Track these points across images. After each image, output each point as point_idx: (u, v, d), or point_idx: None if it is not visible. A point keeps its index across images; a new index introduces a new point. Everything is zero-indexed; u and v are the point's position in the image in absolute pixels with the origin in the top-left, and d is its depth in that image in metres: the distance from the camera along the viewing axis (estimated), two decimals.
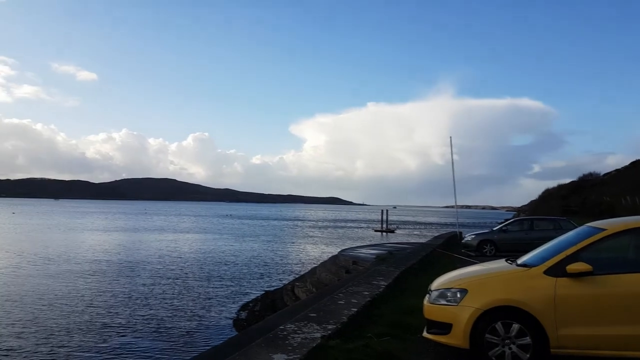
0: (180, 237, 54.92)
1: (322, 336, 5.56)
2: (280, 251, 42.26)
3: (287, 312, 9.68)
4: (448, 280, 5.96)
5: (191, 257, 35.62)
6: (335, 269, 18.52)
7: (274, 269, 31.31)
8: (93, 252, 36.74)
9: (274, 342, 5.38)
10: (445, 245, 21.30)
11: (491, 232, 21.42)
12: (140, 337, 15.22)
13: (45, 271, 26.88)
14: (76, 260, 31.58)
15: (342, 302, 7.59)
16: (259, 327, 8.24)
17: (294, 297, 18.68)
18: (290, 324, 6.12)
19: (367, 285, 9.24)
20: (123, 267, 29.23)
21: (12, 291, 21.28)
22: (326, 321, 6.27)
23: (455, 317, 5.31)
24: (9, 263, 30.03)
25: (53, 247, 39.13)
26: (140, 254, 36.66)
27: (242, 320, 17.60)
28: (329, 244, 49.73)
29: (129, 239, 51.34)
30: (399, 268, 11.76)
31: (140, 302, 20.07)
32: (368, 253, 19.93)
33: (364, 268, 15.31)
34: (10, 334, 14.96)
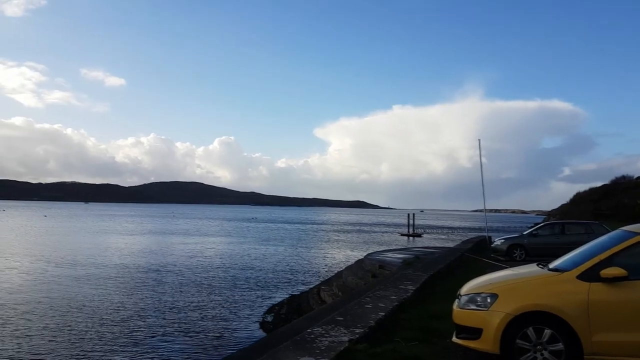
0: (206, 241, 55.64)
1: (349, 340, 5.57)
2: (306, 255, 42.35)
3: (314, 315, 9.70)
4: (478, 284, 5.89)
5: (217, 261, 36.03)
6: (361, 273, 18.46)
7: (300, 272, 31.39)
8: (121, 256, 37.53)
9: (301, 345, 5.41)
10: (474, 250, 21.02)
11: (521, 236, 21.02)
12: (169, 339, 15.45)
13: (75, 274, 27.55)
14: (105, 264, 32.29)
15: (369, 306, 7.57)
16: (286, 330, 8.28)
17: (320, 300, 18.69)
18: (317, 327, 6.14)
19: (395, 289, 9.19)
20: (151, 271, 29.74)
21: (45, 294, 21.87)
22: (353, 325, 6.27)
23: (485, 322, 5.25)
24: (40, 266, 30.96)
25: (82, 250, 40.14)
26: (168, 257, 37.28)
27: (269, 323, 17.70)
28: (354, 248, 49.58)
29: (157, 242, 52.29)
30: (427, 272, 11.66)
31: (169, 304, 20.39)
32: (394, 257, 19.81)
33: (390, 272, 15.22)
34: (44, 336, 15.36)
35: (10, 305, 19.12)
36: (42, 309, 18.78)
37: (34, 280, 25.19)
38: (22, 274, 27.26)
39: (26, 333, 15.48)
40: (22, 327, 16.12)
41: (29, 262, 32.50)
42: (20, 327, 16.10)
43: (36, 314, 17.97)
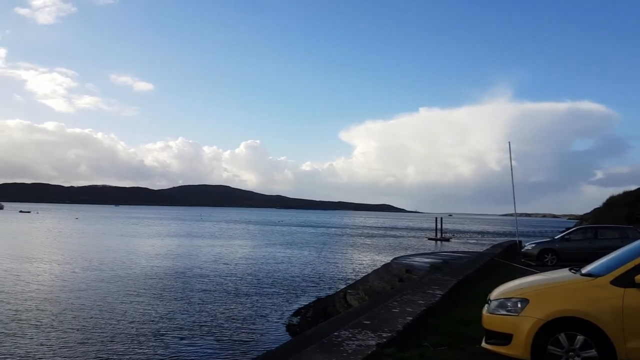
0: (233, 244, 56.24)
1: (377, 344, 5.56)
2: (331, 258, 42.33)
3: (341, 319, 9.70)
4: (508, 289, 5.81)
5: (244, 264, 36.36)
6: (388, 277, 18.35)
7: (325, 276, 31.40)
8: (150, 259, 38.27)
9: (328, 348, 5.43)
10: (504, 255, 20.65)
11: (552, 240, 20.60)
12: (196, 341, 15.66)
13: (105, 276, 28.22)
14: (134, 266, 32.99)
15: (397, 310, 7.54)
16: (313, 333, 8.31)
17: (346, 304, 18.65)
18: (344, 331, 6.15)
19: (422, 294, 9.12)
20: (179, 274, 30.21)
21: (77, 296, 22.47)
22: (381, 329, 6.26)
23: (515, 327, 5.18)
24: (72, 268, 31.88)
25: (112, 253, 41.10)
26: (195, 261, 37.82)
27: (295, 326, 17.77)
28: (380, 252, 49.29)
29: (185, 245, 53.13)
30: (456, 277, 11.53)
31: (196, 307, 20.66)
32: (422, 262, 19.62)
33: (418, 277, 15.09)
34: (75, 338, 15.78)
35: (44, 307, 19.71)
36: (74, 310, 19.29)
37: (66, 283, 25.90)
38: (55, 277, 28.12)
39: (58, 334, 15.93)
40: (55, 328, 16.60)
41: (61, 264, 33.50)
42: (53, 328, 16.58)
43: (68, 315, 18.45)
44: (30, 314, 18.18)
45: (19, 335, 15.40)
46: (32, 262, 33.30)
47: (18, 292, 22.57)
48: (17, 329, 16.18)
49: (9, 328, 16.23)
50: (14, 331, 15.85)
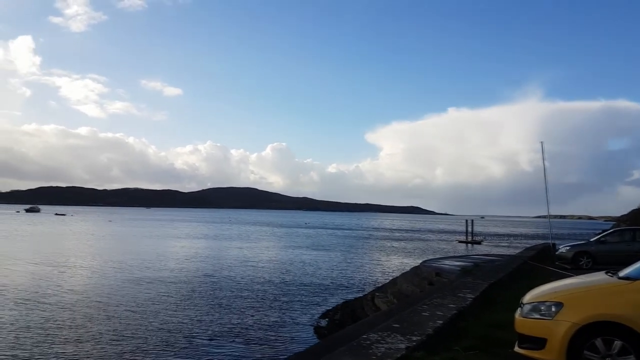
0: (260, 246, 56.71)
1: (406, 347, 5.49)
2: (359, 261, 42.18)
3: (369, 321, 9.65)
4: (542, 293, 5.68)
5: (271, 266, 36.61)
6: (417, 280, 18.18)
7: (353, 278, 31.30)
8: (180, 260, 38.99)
9: (357, 350, 5.40)
10: (537, 258, 20.20)
11: (588, 243, 20.00)
12: (224, 342, 15.84)
13: (136, 277, 28.92)
14: (164, 268, 33.67)
15: (427, 313, 7.44)
16: (341, 336, 8.30)
17: (374, 307, 18.56)
18: (373, 334, 6.10)
19: (453, 297, 8.97)
20: (207, 275, 30.66)
21: (108, 297, 23.06)
22: (410, 332, 6.18)
23: (550, 331, 5.04)
24: (104, 269, 32.80)
25: (143, 255, 42.14)
26: (223, 262, 38.32)
27: (323, 328, 17.78)
28: (408, 255, 48.86)
29: (214, 247, 53.89)
30: (487, 280, 11.31)
31: (224, 308, 20.91)
32: (452, 265, 19.37)
33: (448, 280, 14.90)
34: (107, 339, 16.16)
35: (77, 309, 20.29)
36: (106, 311, 19.76)
37: (99, 284, 26.63)
38: (88, 278, 28.98)
39: (91, 335, 16.34)
40: (87, 329, 17.04)
41: (95, 266, 34.46)
42: (85, 328, 17.05)
43: (100, 316, 18.93)
44: (65, 315, 18.70)
45: (54, 336, 15.88)
46: (67, 264, 34.38)
47: (53, 293, 23.32)
48: (53, 330, 16.69)
49: (45, 328, 16.77)
50: (50, 332, 16.35)
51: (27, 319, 17.85)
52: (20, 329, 16.46)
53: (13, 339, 15.29)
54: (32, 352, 14.06)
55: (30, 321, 17.49)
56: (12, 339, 15.36)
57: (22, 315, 18.48)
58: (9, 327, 16.67)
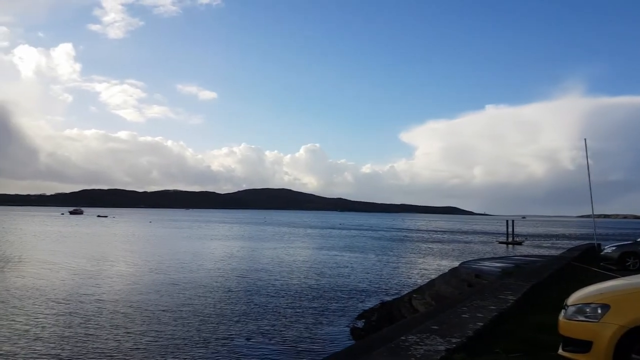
0: (295, 246, 57.09)
1: (446, 349, 5.41)
2: (394, 262, 41.80)
3: (407, 323, 9.56)
4: (587, 294, 5.48)
5: (306, 266, 36.76)
6: (456, 282, 17.89)
7: (389, 279, 31.04)
8: (216, 261, 39.61)
9: (396, 352, 5.36)
10: (581, 258, 19.58)
11: (635, 243, 19.21)
12: (261, 342, 15.97)
13: (174, 278, 29.57)
14: (201, 268, 34.27)
15: (466, 315, 7.30)
16: (378, 337, 8.26)
17: (411, 308, 18.36)
18: (411, 335, 6.05)
19: (494, 299, 8.78)
20: (244, 276, 31.04)
21: (147, 297, 23.70)
22: (450, 334, 6.09)
23: (595, 334, 4.87)
24: (144, 270, 33.71)
25: (181, 255, 43.16)
26: (259, 263, 38.74)
27: (359, 330, 17.68)
28: (446, 256, 48.10)
29: (250, 247, 54.58)
30: (529, 282, 11.02)
31: (260, 308, 21.11)
32: (492, 266, 18.99)
33: (488, 282, 14.61)
34: (143, 339, 16.59)
35: (116, 308, 20.86)
36: (144, 310, 20.23)
37: (138, 284, 27.37)
38: (129, 278, 29.86)
39: (129, 333, 16.80)
40: (125, 327, 17.50)
41: (135, 266, 35.54)
42: (123, 327, 17.47)
43: (138, 315, 19.39)
44: (104, 315, 19.21)
45: (94, 335, 16.39)
46: (108, 265, 35.54)
47: (93, 293, 24.12)
48: (93, 329, 17.24)
49: (86, 327, 17.37)
50: (90, 332, 16.90)
51: (68, 318, 18.39)
52: (63, 327, 17.08)
53: (57, 337, 15.90)
54: (72, 351, 14.50)
55: (71, 321, 18.06)
56: (56, 337, 15.97)
57: (63, 314, 19.13)
58: (51, 326, 17.31)
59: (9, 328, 16.65)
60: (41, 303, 21.05)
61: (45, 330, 16.51)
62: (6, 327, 16.72)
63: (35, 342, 15.09)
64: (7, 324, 17.14)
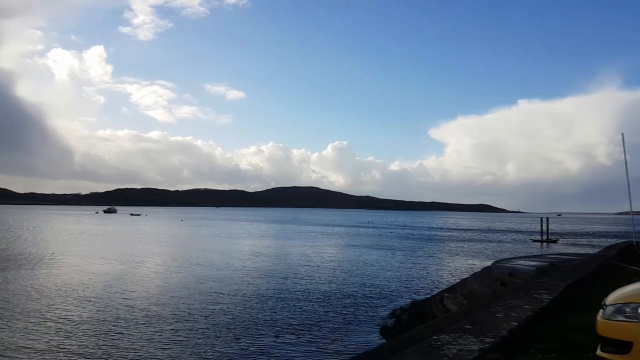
0: (324, 244, 57.20)
1: (479, 349, 5.36)
2: (425, 261, 41.38)
3: (439, 322, 9.46)
4: (626, 294, 5.33)
5: (335, 265, 36.75)
6: (489, 281, 17.61)
7: (420, 279, 30.75)
8: (246, 259, 40.08)
9: (427, 351, 5.34)
10: (620, 257, 19.00)
11: None
12: (290, 339, 16.06)
13: (202, 276, 30.07)
14: (229, 266, 34.66)
15: (500, 315, 7.20)
16: (409, 336, 8.20)
17: (443, 308, 18.16)
18: (444, 335, 6.01)
19: (528, 298, 8.62)
20: (272, 274, 31.27)
21: (177, 295, 24.15)
22: (483, 334, 6.02)
23: (636, 335, 4.74)
24: (175, 268, 34.40)
25: (212, 253, 43.87)
26: (288, 260, 39.04)
27: (389, 329, 17.60)
28: (478, 255, 47.32)
29: (278, 245, 55.06)
30: (565, 281, 10.77)
31: (289, 306, 21.22)
32: (527, 265, 18.62)
33: (522, 281, 14.33)
34: (174, 336, 16.95)
35: (145, 306, 21.38)
36: (174, 308, 20.64)
37: (169, 282, 27.95)
38: (159, 276, 30.53)
39: (160, 330, 17.20)
40: (156, 325, 17.95)
41: (167, 264, 36.29)
42: (155, 325, 17.91)
43: (168, 312, 19.79)
44: (136, 313, 19.64)
45: (124, 333, 16.85)
46: (139, 263, 36.38)
47: (125, 290, 24.74)
48: (123, 326, 17.71)
49: (117, 324, 17.86)
50: (120, 329, 17.36)
51: (98, 316, 18.81)
52: (94, 325, 17.55)
53: (88, 335, 16.38)
54: (103, 349, 14.88)
55: (102, 319, 18.50)
56: (87, 335, 16.46)
57: (93, 312, 19.61)
58: (82, 323, 17.82)
59: (41, 325, 17.13)
60: (72, 301, 21.50)
61: (75, 328, 16.88)
62: (38, 325, 17.22)
63: (68, 340, 15.46)
64: (39, 322, 17.63)
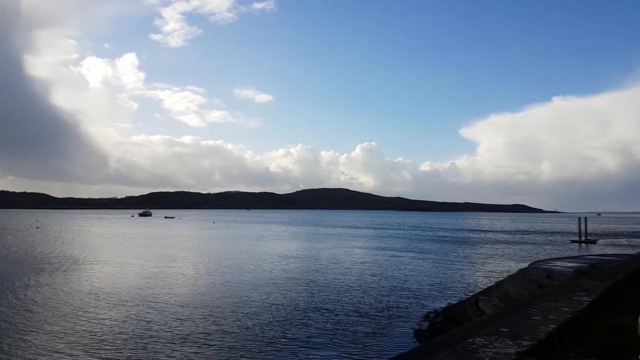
0: (355, 246, 57.00)
1: (516, 352, 5.24)
2: (459, 263, 40.70)
3: (473, 325, 9.31)
4: None
5: (367, 268, 36.62)
6: (525, 283, 17.20)
7: (453, 281, 30.28)
8: (276, 262, 40.47)
9: (463, 354, 5.25)
10: None
11: None
12: (324, 342, 16.14)
13: (234, 278, 30.50)
14: (261, 268, 35.14)
15: (538, 317, 7.02)
16: (444, 339, 8.11)
17: (478, 311, 17.85)
18: (479, 338, 5.90)
19: (567, 300, 8.37)
20: (303, 276, 31.53)
21: (214, 295, 24.63)
22: (520, 337, 5.88)
23: None
24: (208, 269, 34.96)
25: (243, 255, 44.52)
26: (319, 263, 39.18)
27: (423, 332, 17.43)
28: (514, 257, 46.26)
29: (309, 247, 55.22)
30: (605, 282, 10.41)
31: (322, 309, 21.28)
32: (564, 266, 18.12)
33: (560, 282, 13.94)
34: (206, 338, 17.26)
35: (181, 308, 21.85)
36: (207, 310, 21.02)
37: (202, 283, 28.47)
38: (192, 278, 31.10)
39: (193, 332, 17.56)
40: (192, 326, 18.35)
41: (198, 266, 36.91)
42: (191, 326, 18.32)
43: (200, 314, 20.12)
44: (168, 314, 20.17)
45: (159, 336, 17.26)
46: (175, 265, 37.22)
47: (160, 292, 25.37)
48: (157, 328, 18.15)
49: (150, 326, 18.26)
50: (153, 332, 17.79)
51: (132, 317, 19.37)
52: (128, 326, 18.12)
53: (122, 335, 16.86)
54: (138, 349, 15.30)
55: (135, 319, 19.10)
56: (121, 335, 16.93)
57: (127, 313, 20.18)
58: (116, 324, 18.36)
59: (75, 327, 17.68)
60: (104, 304, 22.00)
61: (108, 330, 17.33)
62: (72, 327, 17.76)
63: (101, 342, 15.87)
64: (72, 324, 18.18)
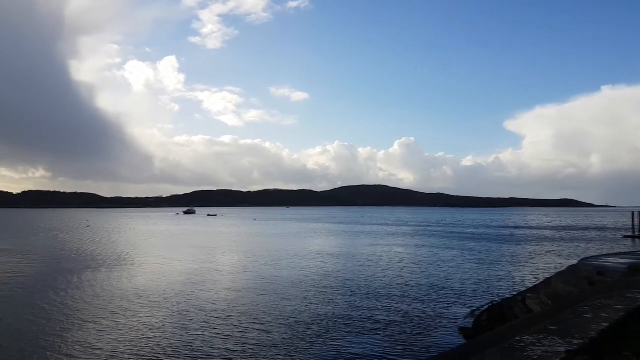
0: (396, 243, 56.52)
1: (566, 351, 5.11)
2: (504, 260, 39.62)
3: (521, 323, 9.10)
4: None
5: (409, 265, 36.26)
6: (575, 280, 16.59)
7: (499, 278, 29.54)
8: (317, 258, 40.71)
9: (509, 353, 5.17)
10: None
11: None
12: (367, 339, 16.10)
13: (276, 274, 30.96)
14: (302, 265, 35.46)
15: (589, 315, 6.79)
16: (490, 337, 7.98)
17: (525, 308, 17.36)
18: (527, 336, 5.79)
19: (620, 298, 8.05)
20: (345, 273, 31.53)
21: (254, 292, 25.04)
22: (570, 335, 5.73)
23: None
24: (249, 266, 35.60)
25: (284, 252, 45.15)
26: (360, 260, 39.07)
27: (468, 329, 17.16)
28: (562, 253, 44.64)
29: (350, 244, 55.25)
30: None
31: (364, 305, 21.25)
32: (617, 262, 17.36)
33: (612, 280, 13.38)
34: (249, 334, 17.59)
35: (222, 306, 22.34)
36: (247, 308, 21.31)
37: (245, 280, 29.00)
38: (236, 274, 31.71)
39: (237, 331, 17.90)
40: (233, 325, 18.67)
41: (241, 263, 37.59)
42: (232, 325, 18.64)
43: (243, 313, 20.44)
44: (209, 311, 20.66)
45: (199, 335, 17.70)
46: (216, 261, 38.13)
47: (202, 290, 26.01)
48: (197, 326, 18.61)
49: (190, 324, 18.76)
50: (194, 331, 18.26)
51: (172, 315, 19.84)
52: (168, 324, 18.68)
53: (164, 333, 17.38)
54: (178, 346, 15.74)
55: (175, 316, 19.61)
56: (163, 333, 17.44)
57: (169, 311, 20.66)
58: (158, 323, 18.96)
59: (115, 325, 18.19)
60: (145, 302, 22.45)
61: (149, 328, 17.68)
62: (112, 325, 18.30)
63: (141, 339, 16.25)
64: (113, 322, 18.69)
